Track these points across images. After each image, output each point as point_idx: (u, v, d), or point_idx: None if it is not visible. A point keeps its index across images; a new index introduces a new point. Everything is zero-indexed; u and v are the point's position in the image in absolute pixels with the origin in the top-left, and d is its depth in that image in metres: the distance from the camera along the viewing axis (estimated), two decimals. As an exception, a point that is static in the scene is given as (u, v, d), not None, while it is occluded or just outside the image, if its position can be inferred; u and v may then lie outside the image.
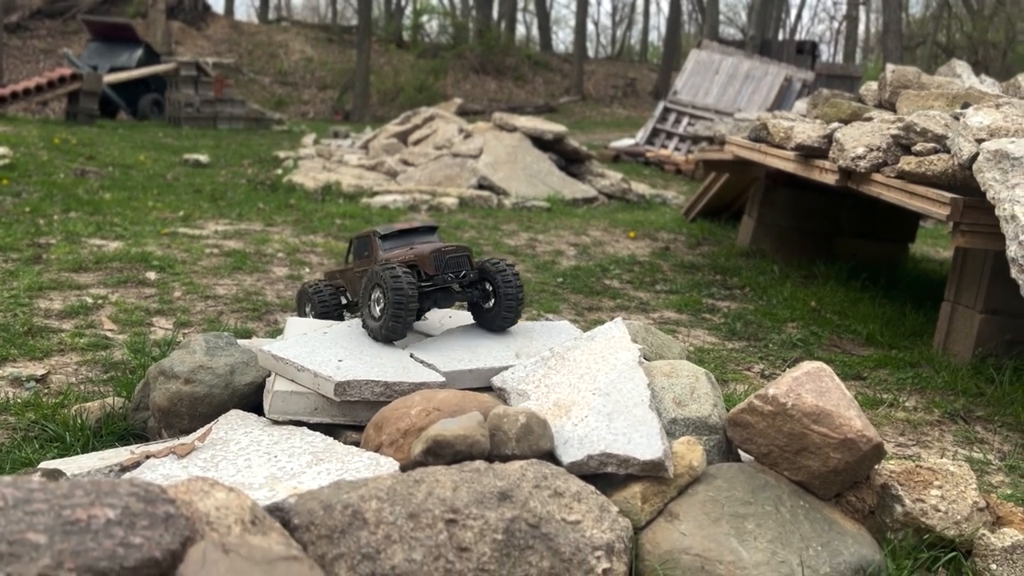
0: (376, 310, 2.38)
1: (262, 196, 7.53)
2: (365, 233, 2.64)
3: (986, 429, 3.27)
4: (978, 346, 3.91)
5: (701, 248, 6.72)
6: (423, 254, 2.44)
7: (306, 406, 2.18)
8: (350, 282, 2.74)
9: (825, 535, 1.95)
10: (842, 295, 5.22)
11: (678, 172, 12.73)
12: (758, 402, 2.05)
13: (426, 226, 2.65)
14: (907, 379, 3.76)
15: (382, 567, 1.54)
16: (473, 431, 1.90)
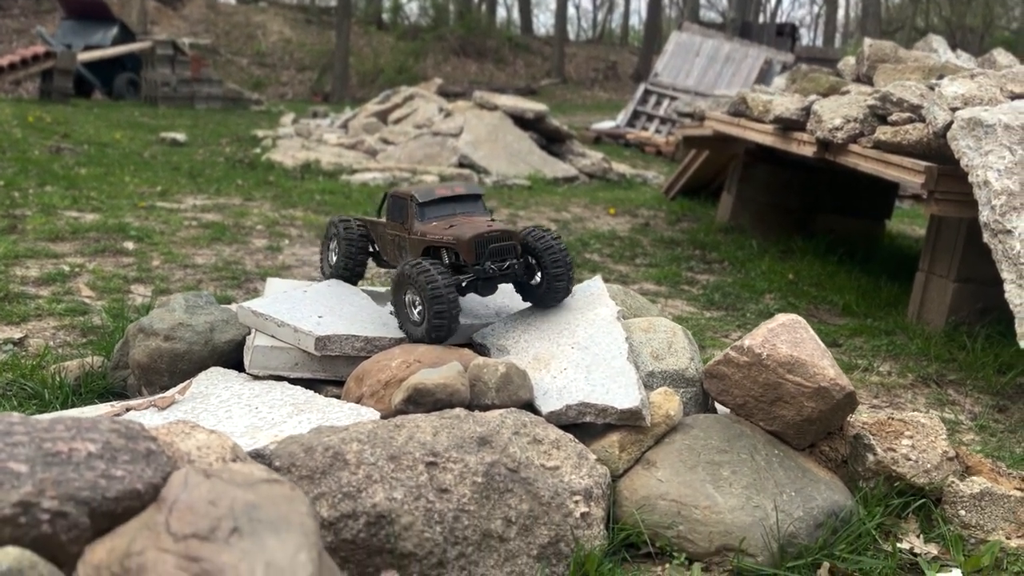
0: (414, 314, 2.16)
1: (240, 173, 7.48)
2: (402, 194, 2.35)
3: (958, 392, 3.33)
4: (951, 314, 3.98)
5: (681, 224, 6.76)
6: (463, 240, 2.15)
7: (286, 361, 2.19)
8: (380, 238, 2.51)
9: (799, 482, 1.98)
10: (819, 268, 5.28)
11: (659, 154, 12.77)
12: (734, 353, 2.08)
13: (469, 193, 2.38)
14: (882, 346, 3.82)
15: (363, 505, 1.55)
16: (453, 380, 1.91)
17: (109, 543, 1.07)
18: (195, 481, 1.10)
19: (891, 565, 1.91)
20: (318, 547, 1.01)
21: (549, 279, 2.27)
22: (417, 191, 2.31)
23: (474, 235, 2.15)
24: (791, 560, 1.86)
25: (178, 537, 1.00)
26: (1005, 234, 3.05)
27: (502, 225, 2.22)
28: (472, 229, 2.18)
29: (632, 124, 14.71)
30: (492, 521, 1.68)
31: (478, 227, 2.19)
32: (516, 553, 1.69)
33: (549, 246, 2.25)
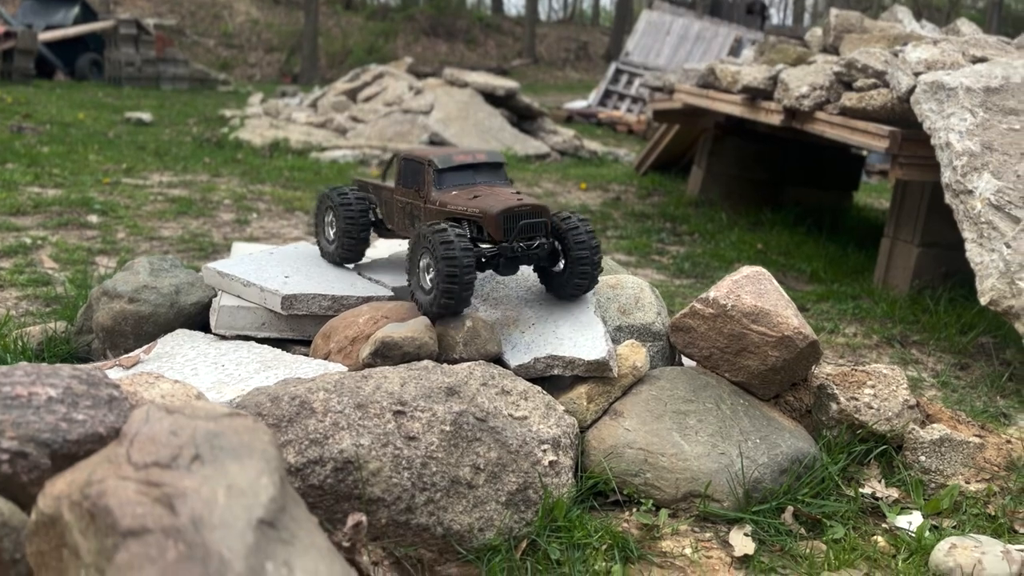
0: (426, 280, 1.95)
1: (208, 152, 7.38)
2: (417, 157, 2.14)
3: (921, 351, 3.39)
4: (915, 278, 4.04)
5: (651, 198, 6.79)
6: (490, 213, 1.94)
7: (253, 321, 2.17)
8: (385, 204, 2.32)
9: (763, 430, 2.01)
10: (787, 239, 5.34)
11: (630, 132, 12.79)
12: (699, 305, 2.10)
13: (491, 161, 2.17)
14: (848, 310, 3.87)
15: (330, 451, 1.55)
16: (421, 333, 1.91)
17: (69, 476, 1.06)
18: (157, 416, 1.10)
19: (853, 509, 1.95)
20: (280, 473, 1.01)
21: (572, 266, 2.07)
22: (435, 155, 2.11)
23: (503, 209, 1.94)
24: (756, 505, 1.89)
25: (139, 466, 1.00)
26: (966, 194, 3.10)
27: (532, 199, 2.01)
28: (500, 202, 1.97)
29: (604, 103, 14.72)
30: (460, 468, 1.69)
31: (506, 200, 1.98)
32: (485, 499, 1.70)
33: (574, 228, 2.05)
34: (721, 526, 1.85)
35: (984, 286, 2.96)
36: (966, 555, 1.72)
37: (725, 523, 1.86)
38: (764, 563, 1.73)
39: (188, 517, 0.89)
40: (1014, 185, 3.04)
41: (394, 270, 2.42)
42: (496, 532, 1.69)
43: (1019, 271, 2.89)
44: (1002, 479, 2.11)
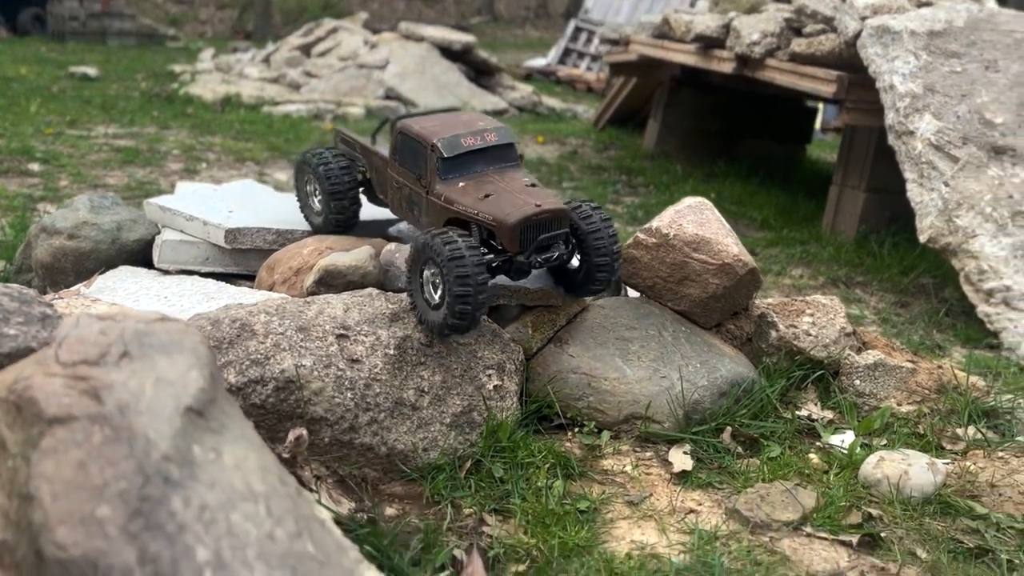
0: (433, 295, 1.72)
1: (157, 106, 7.20)
2: (418, 136, 1.88)
3: (864, 291, 3.48)
4: (862, 223, 4.13)
5: (608, 152, 6.80)
6: (505, 224, 1.71)
7: (197, 255, 2.15)
8: (377, 172, 2.09)
9: (704, 355, 2.06)
10: (740, 189, 5.40)
11: (589, 90, 12.74)
12: (643, 235, 2.13)
13: (504, 143, 1.90)
14: (796, 254, 3.95)
15: (271, 371, 1.56)
16: (365, 263, 1.92)
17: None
18: (87, 321, 1.09)
19: (790, 429, 2.01)
20: (211, 369, 1.02)
21: (590, 267, 1.88)
22: (440, 137, 1.83)
23: (520, 219, 1.71)
24: (696, 426, 1.94)
25: (67, 364, 0.99)
26: (908, 135, 3.16)
27: (554, 201, 1.77)
28: (516, 207, 1.73)
29: (563, 62, 14.62)
30: (404, 391, 1.71)
31: (523, 204, 1.73)
32: (429, 421, 1.72)
33: (595, 229, 1.85)
34: (661, 446, 1.90)
35: (923, 224, 3.04)
36: (893, 467, 1.79)
37: (665, 443, 1.91)
38: (701, 478, 1.79)
39: (114, 405, 0.90)
40: (954, 126, 3.11)
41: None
42: (440, 452, 1.71)
43: (956, 209, 2.97)
44: (932, 401, 2.19)
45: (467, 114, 2.01)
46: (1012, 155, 3.04)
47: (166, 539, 0.76)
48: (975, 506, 1.72)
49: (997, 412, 2.14)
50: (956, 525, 1.68)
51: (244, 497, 0.85)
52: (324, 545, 0.92)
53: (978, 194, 2.97)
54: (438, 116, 1.98)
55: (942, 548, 1.58)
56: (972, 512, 1.71)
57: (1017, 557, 1.56)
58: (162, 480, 0.81)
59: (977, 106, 3.13)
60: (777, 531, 1.61)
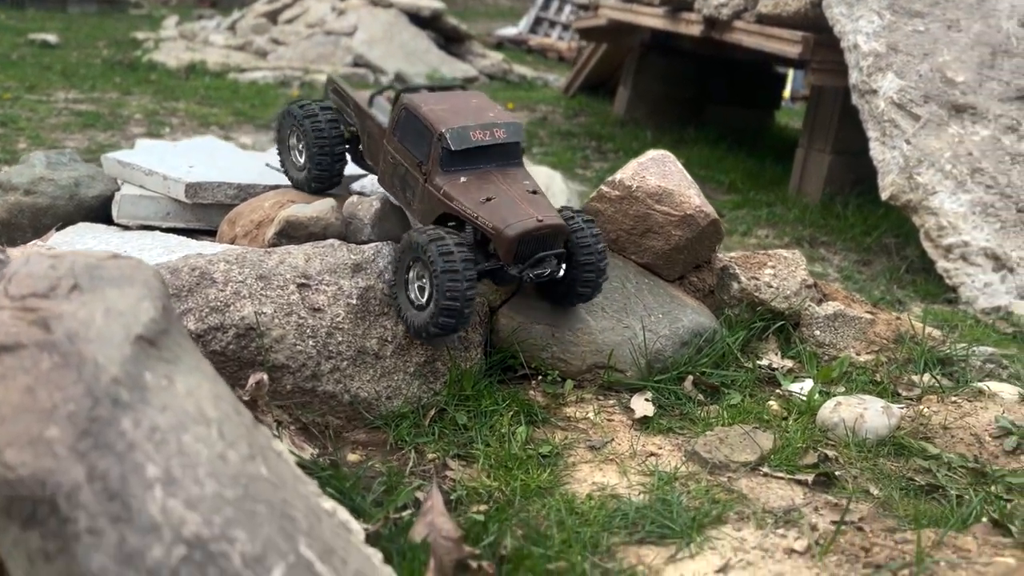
0: (420, 295, 1.69)
1: (119, 74, 7.06)
2: (425, 118, 1.77)
3: (828, 251, 3.53)
4: (827, 186, 4.18)
5: (578, 119, 6.79)
6: (504, 236, 1.66)
7: (157, 210, 2.13)
8: (370, 137, 1.99)
9: (667, 306, 2.08)
10: (709, 154, 5.42)
11: (561, 59, 12.67)
12: (606, 188, 2.13)
13: (511, 141, 1.82)
14: (762, 216, 3.99)
15: (231, 318, 1.55)
16: (327, 214, 1.91)
17: (-56, 314, 1.04)
18: (37, 258, 1.08)
19: (751, 378, 2.04)
20: (164, 302, 1.01)
21: (576, 274, 1.83)
22: (449, 130, 1.74)
23: (520, 233, 1.66)
24: (658, 374, 1.96)
25: (15, 298, 0.98)
26: (871, 94, 3.19)
27: (554, 216, 1.72)
28: (517, 218, 1.68)
29: (535, 30, 14.51)
30: (367, 340, 1.71)
31: (525, 217, 1.69)
32: (392, 370, 1.73)
33: (585, 244, 1.81)
34: (624, 394, 1.92)
35: (885, 182, 3.08)
36: (850, 411, 1.83)
37: (628, 391, 1.93)
38: (662, 424, 1.81)
39: (64, 333, 0.89)
40: (916, 84, 3.14)
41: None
42: (404, 400, 1.72)
43: (917, 166, 3.01)
44: (890, 351, 2.23)
45: (476, 97, 1.91)
46: (972, 113, 3.09)
47: (115, 457, 0.76)
48: (928, 447, 1.77)
49: (952, 360, 2.19)
50: (909, 465, 1.72)
51: (196, 421, 0.85)
52: (279, 471, 0.92)
53: (938, 152, 3.01)
54: (447, 97, 1.87)
55: (894, 485, 1.62)
56: (925, 452, 1.75)
57: (967, 493, 1.60)
58: (111, 402, 0.81)
59: (939, 65, 3.16)
60: (735, 471, 1.64)
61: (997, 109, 3.10)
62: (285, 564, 0.78)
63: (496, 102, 1.95)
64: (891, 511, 1.54)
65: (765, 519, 1.48)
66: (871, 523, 1.50)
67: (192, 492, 0.76)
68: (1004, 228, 2.90)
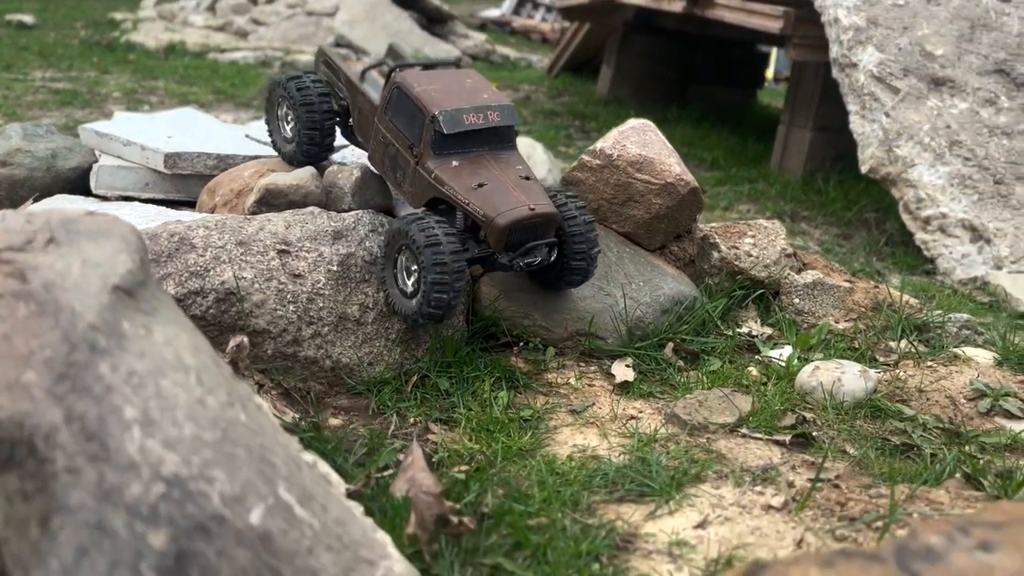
0: (407, 282, 1.69)
1: (97, 54, 6.97)
2: (417, 98, 1.73)
3: (809, 225, 3.56)
4: (808, 162, 4.20)
5: (561, 98, 6.78)
6: (496, 224, 1.65)
7: (136, 181, 2.11)
8: (360, 113, 1.94)
9: (647, 274, 2.10)
10: (692, 132, 5.43)
11: (544, 41, 12.63)
12: (587, 157, 2.14)
13: (505, 125, 1.79)
14: (744, 192, 4.01)
15: (211, 283, 1.55)
16: (307, 182, 1.90)
17: (-82, 270, 1.03)
18: (12, 215, 1.07)
19: (730, 345, 2.06)
20: (142, 256, 1.01)
21: (565, 265, 1.83)
22: (442, 112, 1.70)
23: (512, 222, 1.65)
24: (638, 341, 1.98)
25: (-10, 253, 0.98)
26: (851, 67, 3.21)
27: (547, 205, 1.71)
28: (509, 207, 1.66)
29: (518, 12, 14.43)
30: (348, 306, 1.71)
31: (517, 204, 1.67)
32: (374, 336, 1.73)
33: (577, 232, 1.79)
34: (605, 360, 1.94)
35: (865, 155, 3.11)
36: (827, 375, 1.85)
37: (609, 358, 1.94)
38: (643, 389, 1.83)
39: (40, 283, 0.89)
40: (895, 58, 3.16)
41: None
42: (386, 366, 1.73)
43: (896, 139, 3.03)
44: (868, 319, 2.26)
45: (471, 77, 1.86)
46: (951, 86, 3.11)
47: (93, 399, 0.76)
48: (904, 409, 1.79)
49: (928, 327, 2.22)
50: (885, 426, 1.74)
51: (174, 368, 0.85)
52: (259, 420, 0.93)
53: (917, 124, 3.03)
54: (440, 76, 1.83)
55: (870, 445, 1.65)
56: (901, 414, 1.78)
57: (940, 451, 1.63)
58: (88, 347, 0.81)
59: (918, 38, 3.18)
60: (714, 433, 1.66)
61: (975, 82, 3.12)
62: (264, 505, 0.79)
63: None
64: (867, 470, 1.57)
65: (743, 477, 1.50)
66: (847, 480, 1.52)
67: (170, 433, 0.76)
68: (981, 200, 2.93)
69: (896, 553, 0.78)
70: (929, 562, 0.78)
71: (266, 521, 0.78)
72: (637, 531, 1.34)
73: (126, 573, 0.66)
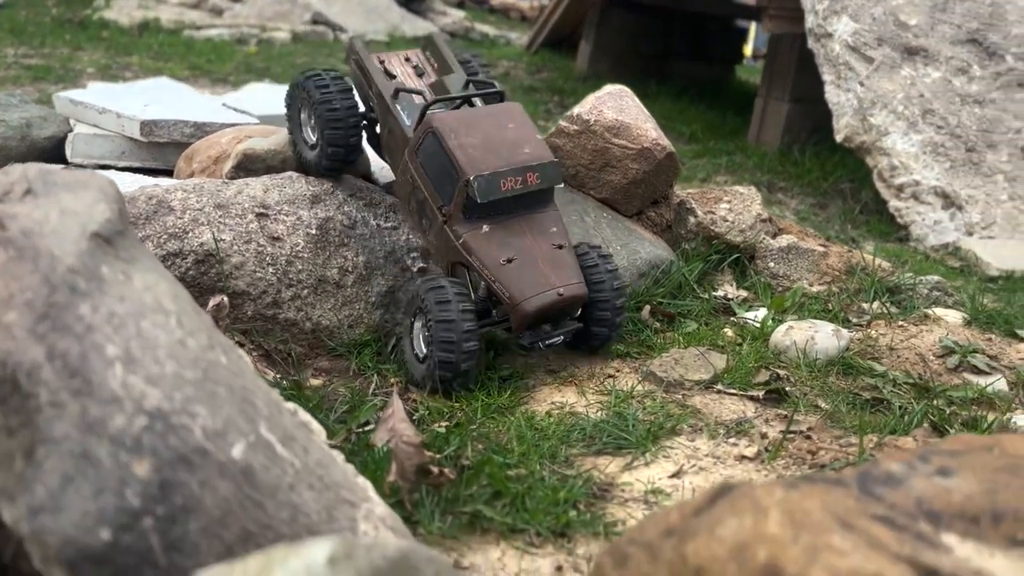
0: (421, 346, 1.61)
1: (70, 31, 6.87)
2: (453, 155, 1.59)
3: (785, 195, 3.59)
4: (785, 134, 4.23)
5: (540, 74, 6.77)
6: (520, 310, 1.58)
7: (112, 149, 2.11)
8: (392, 135, 1.76)
9: (624, 239, 2.12)
10: (670, 107, 5.45)
11: (523, 19, 12.57)
12: (565, 123, 2.15)
13: (544, 188, 1.68)
14: (722, 164, 4.03)
15: (190, 245, 1.56)
16: (285, 146, 1.90)
17: None
18: (-12, 170, 1.07)
19: (706, 307, 2.10)
20: (120, 207, 1.02)
21: (587, 329, 1.74)
22: (477, 176, 1.57)
23: (538, 308, 1.58)
24: (616, 303, 2.00)
25: (-33, 204, 0.98)
26: (826, 37, 3.23)
27: (576, 286, 1.63)
28: (536, 288, 1.58)
29: (496, -10, 14.33)
30: (328, 269, 1.72)
31: (545, 287, 1.59)
32: (354, 299, 1.74)
33: (600, 294, 1.71)
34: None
35: (840, 124, 3.14)
36: (801, 334, 1.89)
37: (587, 320, 1.97)
38: (620, 349, 1.86)
39: (18, 230, 0.90)
40: (870, 27, 3.19)
41: (261, 99, 2.37)
42: (366, 329, 1.75)
43: (871, 108, 3.06)
44: (842, 282, 2.30)
45: (514, 119, 1.71)
46: (924, 55, 3.14)
47: (74, 338, 0.77)
48: (875, 366, 1.84)
49: (900, 289, 2.26)
50: (857, 383, 1.79)
51: (154, 311, 0.87)
52: (240, 365, 0.94)
53: (891, 93, 3.07)
54: (479, 121, 1.66)
55: (842, 400, 1.69)
56: (872, 371, 1.82)
57: (909, 405, 1.68)
58: (69, 289, 0.82)
59: (892, 8, 3.21)
60: (689, 389, 1.69)
61: (948, 52, 3.16)
62: (246, 441, 0.81)
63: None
64: (838, 422, 1.61)
65: (717, 430, 1.54)
66: (818, 432, 1.56)
67: (152, 370, 0.78)
68: (954, 167, 2.97)
69: (858, 478, 0.81)
70: (890, 486, 0.81)
71: (248, 456, 0.80)
72: (614, 481, 1.37)
73: (111, 499, 0.68)
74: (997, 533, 0.76)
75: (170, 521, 0.70)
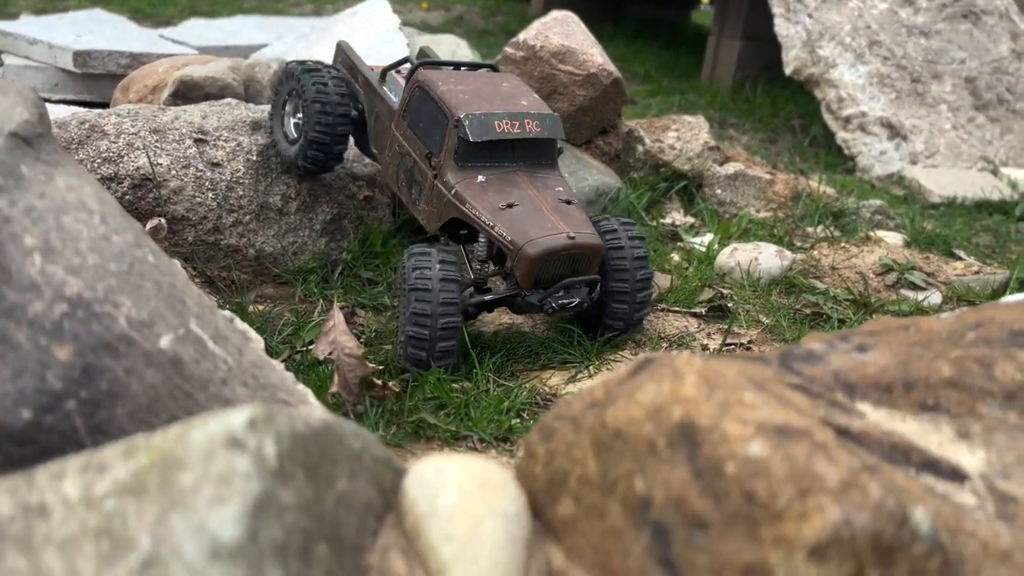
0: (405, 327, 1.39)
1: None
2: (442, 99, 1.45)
3: (736, 131, 3.62)
4: (738, 71, 4.23)
5: (495, 18, 6.68)
6: (525, 254, 1.34)
7: (45, 81, 2.04)
8: (378, 121, 1.63)
9: (572, 167, 2.12)
10: (625, 48, 5.43)
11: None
12: (510, 49, 2.14)
13: (546, 137, 1.50)
14: (675, 102, 4.04)
15: (125, 168, 1.53)
16: (224, 74, 1.86)
17: None
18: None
19: (654, 234, 2.12)
20: (40, 111, 0.99)
21: (604, 306, 1.50)
22: (468, 115, 1.41)
23: (544, 252, 1.34)
24: (565, 230, 2.01)
25: None
26: (775, -30, 3.22)
27: (590, 234, 1.39)
28: (542, 232, 1.35)
29: (450, -65, 14.00)
30: (270, 196, 1.70)
31: (553, 232, 1.36)
32: (298, 226, 1.73)
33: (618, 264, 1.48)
34: (532, 248, 1.97)
35: (789, 56, 3.15)
36: (745, 255, 1.92)
37: (535, 246, 1.97)
38: (568, 273, 1.87)
39: (-70, 131, 0.87)
40: (818, -41, 3.18)
41: (202, 31, 2.31)
42: (311, 256, 1.73)
43: (819, 40, 3.08)
44: (788, 208, 2.34)
45: (508, 79, 1.59)
46: (871, -13, 3.16)
47: (-11, 230, 0.76)
48: (816, 284, 1.88)
49: (844, 213, 2.30)
50: (799, 300, 1.82)
51: (77, 208, 0.85)
52: (169, 267, 0.93)
53: (839, 25, 3.08)
54: (472, 77, 1.54)
55: (782, 315, 1.73)
56: (813, 289, 1.86)
57: (847, 318, 1.72)
58: (-17, 185, 0.80)
59: (840, -60, 3.21)
60: (635, 308, 1.71)
61: (895, -17, 3.18)
62: (174, 334, 0.80)
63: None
64: (778, 335, 1.65)
65: (660, 344, 1.57)
66: (759, 345, 1.60)
67: (73, 261, 0.77)
68: (899, 98, 3.01)
69: (780, 356, 0.84)
70: (809, 363, 0.83)
71: (176, 348, 0.79)
72: (557, 392, 1.39)
73: (31, 380, 0.67)
74: (909, 400, 0.80)
75: (95, 405, 0.70)
